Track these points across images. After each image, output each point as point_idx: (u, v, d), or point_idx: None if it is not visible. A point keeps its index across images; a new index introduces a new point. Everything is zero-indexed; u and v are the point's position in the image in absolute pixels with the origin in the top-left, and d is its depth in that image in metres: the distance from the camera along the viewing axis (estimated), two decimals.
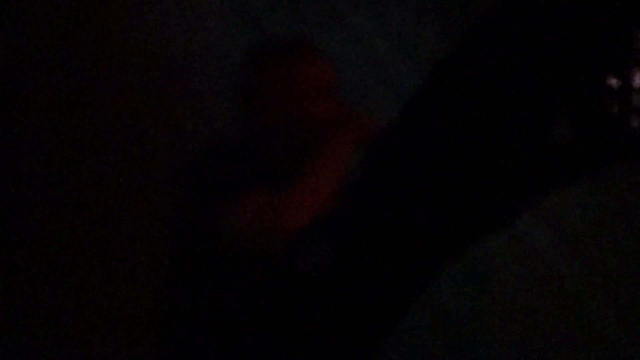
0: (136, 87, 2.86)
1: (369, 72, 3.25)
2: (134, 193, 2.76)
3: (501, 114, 0.61)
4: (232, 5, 3.00)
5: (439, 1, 3.40)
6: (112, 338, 2.73)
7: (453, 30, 3.42)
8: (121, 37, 2.81)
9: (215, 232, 2.12)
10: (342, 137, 2.22)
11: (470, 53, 0.63)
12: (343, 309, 0.65)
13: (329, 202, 2.13)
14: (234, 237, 2.12)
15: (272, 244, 2.09)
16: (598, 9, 0.61)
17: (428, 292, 0.67)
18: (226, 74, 2.93)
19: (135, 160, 2.76)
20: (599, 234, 3.39)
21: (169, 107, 2.88)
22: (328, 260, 0.68)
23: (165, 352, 2.24)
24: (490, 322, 3.18)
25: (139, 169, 2.76)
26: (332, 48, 3.12)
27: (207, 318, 2.21)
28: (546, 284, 3.42)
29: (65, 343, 2.68)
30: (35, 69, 2.70)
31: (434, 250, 0.65)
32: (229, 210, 2.11)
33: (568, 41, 0.60)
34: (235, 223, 2.11)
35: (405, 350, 2.92)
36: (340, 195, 0.67)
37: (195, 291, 2.20)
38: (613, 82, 0.62)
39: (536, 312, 3.36)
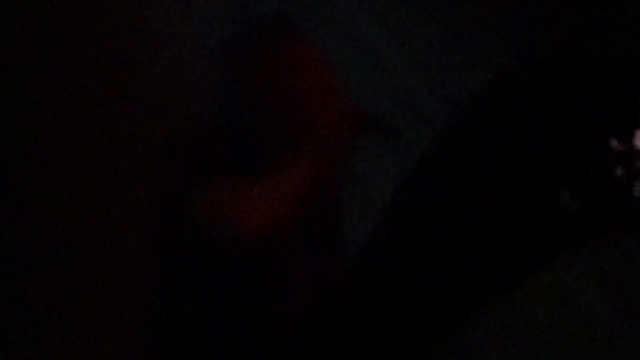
0: (123, 72, 2.85)
1: (363, 62, 3.24)
2: (121, 176, 2.72)
3: (507, 182, 0.59)
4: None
5: None
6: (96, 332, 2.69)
7: (444, 19, 3.41)
8: (108, 23, 2.81)
9: (190, 218, 2.10)
10: (332, 127, 2.22)
11: (475, 121, 0.62)
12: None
13: (311, 196, 2.11)
14: (201, 223, 2.09)
15: (237, 234, 2.06)
16: (601, 75, 0.60)
17: (458, 336, 0.66)
18: (215, 61, 2.93)
19: (123, 145, 2.73)
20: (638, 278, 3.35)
21: (157, 92, 2.87)
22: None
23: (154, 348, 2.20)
24: None
25: (127, 155, 2.73)
26: (327, 42, 3.11)
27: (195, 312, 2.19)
28: (584, 331, 3.39)
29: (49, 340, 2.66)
30: (24, 56, 2.69)
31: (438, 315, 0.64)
32: (200, 195, 2.10)
33: (571, 107, 0.59)
34: (203, 209, 2.08)
35: None
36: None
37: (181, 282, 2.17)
38: (617, 146, 0.60)
39: (570, 357, 3.31)
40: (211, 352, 2.08)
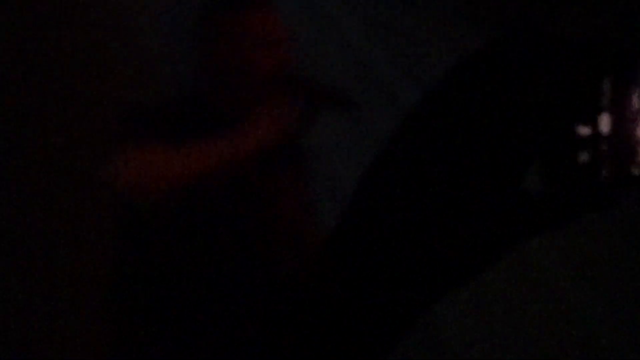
0: (83, 48, 2.83)
1: (326, 37, 3.25)
2: (79, 153, 2.71)
3: (470, 165, 0.59)
4: None
5: None
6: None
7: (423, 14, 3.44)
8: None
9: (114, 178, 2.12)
10: (276, 98, 2.24)
11: (442, 98, 0.62)
12: (332, 323, 0.64)
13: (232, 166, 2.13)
14: (118, 183, 2.11)
15: (152, 193, 2.08)
16: (566, 57, 0.60)
17: (425, 318, 0.66)
18: (174, 34, 2.93)
19: (78, 125, 2.71)
20: (609, 258, 3.38)
21: (116, 69, 2.84)
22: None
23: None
24: (491, 349, 3.16)
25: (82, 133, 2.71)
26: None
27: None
28: (553, 309, 3.41)
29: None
30: None
31: (422, 282, 0.64)
32: (124, 157, 2.13)
33: (536, 89, 0.59)
34: (123, 170, 2.10)
35: None
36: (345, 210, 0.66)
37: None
38: (583, 130, 0.60)
39: (541, 338, 3.33)
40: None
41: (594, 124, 0.61)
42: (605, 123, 0.61)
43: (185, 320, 2.10)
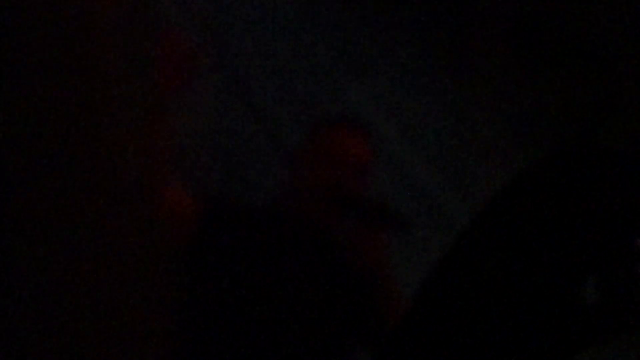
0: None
1: (389, 175, 3.27)
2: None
3: (530, 276, 0.60)
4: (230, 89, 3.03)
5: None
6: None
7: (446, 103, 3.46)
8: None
9: None
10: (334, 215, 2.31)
11: (495, 215, 0.63)
12: None
13: None
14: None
15: None
16: (623, 169, 0.61)
17: None
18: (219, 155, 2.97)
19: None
20: None
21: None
22: None
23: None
24: None
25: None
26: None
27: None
28: None
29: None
30: None
31: None
32: None
33: (594, 203, 0.59)
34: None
35: None
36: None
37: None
38: None
39: None
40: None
41: None
42: None
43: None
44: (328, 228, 2.28)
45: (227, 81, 3.06)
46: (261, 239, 2.19)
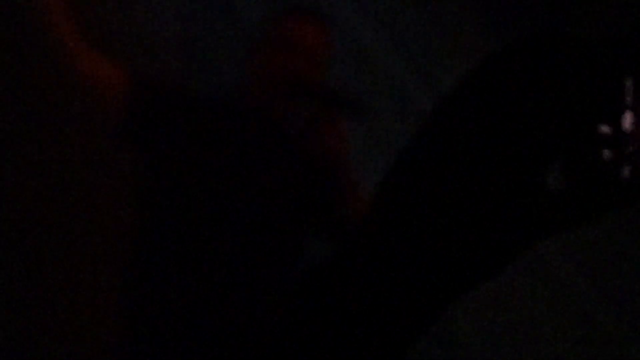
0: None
1: (355, 64, 3.26)
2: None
3: (495, 163, 0.60)
4: None
5: None
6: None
7: (434, 15, 3.45)
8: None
9: None
10: (292, 101, 2.32)
11: (461, 101, 0.62)
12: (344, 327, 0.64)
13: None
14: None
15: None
16: (588, 58, 0.61)
17: (441, 317, 0.67)
18: (196, 56, 2.95)
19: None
20: (626, 259, 3.38)
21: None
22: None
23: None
24: (504, 348, 3.15)
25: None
26: None
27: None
28: (566, 310, 3.41)
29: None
30: None
31: (437, 290, 0.64)
32: None
33: (559, 90, 0.59)
34: None
35: None
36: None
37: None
38: (605, 129, 0.61)
39: (555, 338, 3.33)
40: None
41: (616, 122, 0.61)
42: (628, 122, 0.61)
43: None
44: (286, 117, 2.27)
45: None
46: (207, 126, 2.17)
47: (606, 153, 0.61)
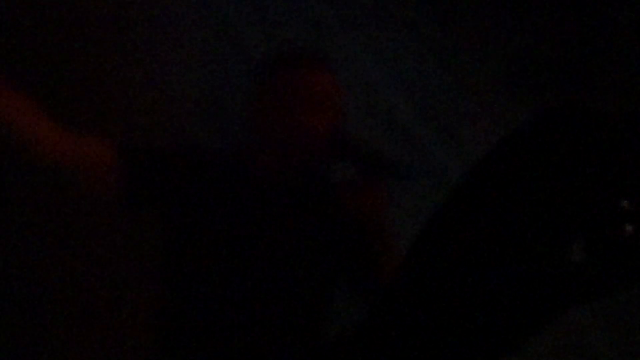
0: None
1: (356, 94, 3.24)
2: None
3: (517, 237, 0.61)
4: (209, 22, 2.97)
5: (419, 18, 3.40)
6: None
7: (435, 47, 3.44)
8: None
9: None
10: (327, 162, 2.20)
11: (487, 171, 0.64)
12: None
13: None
14: None
15: None
16: (610, 133, 0.62)
17: None
18: (204, 89, 2.92)
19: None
20: None
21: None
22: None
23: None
24: None
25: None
26: None
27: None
28: None
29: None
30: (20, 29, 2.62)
31: None
32: None
33: (585, 164, 0.61)
34: None
35: None
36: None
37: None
38: (626, 204, 0.62)
39: None
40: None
41: (638, 197, 0.62)
42: None
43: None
44: (325, 175, 2.20)
45: (218, 31, 3.01)
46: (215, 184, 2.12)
47: (628, 227, 0.62)
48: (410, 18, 3.46)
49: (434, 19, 3.45)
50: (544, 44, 3.45)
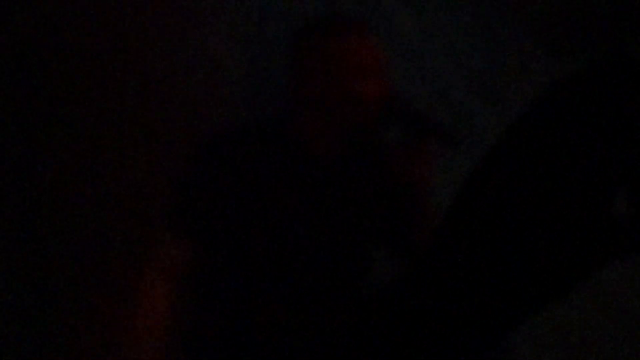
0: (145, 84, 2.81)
1: (399, 54, 3.23)
2: (140, 187, 2.71)
3: (560, 188, 0.60)
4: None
5: None
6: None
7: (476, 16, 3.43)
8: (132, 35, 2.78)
9: None
10: (378, 128, 2.19)
11: (527, 127, 0.62)
12: None
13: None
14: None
15: None
16: None
17: (501, 346, 0.66)
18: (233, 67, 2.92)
19: (142, 155, 2.69)
20: None
21: (181, 104, 2.82)
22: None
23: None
24: None
25: (146, 164, 2.70)
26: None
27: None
28: (631, 335, 3.37)
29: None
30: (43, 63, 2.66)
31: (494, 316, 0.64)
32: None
33: (628, 115, 0.59)
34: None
35: None
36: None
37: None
38: None
39: None
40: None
41: None
42: None
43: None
44: (374, 140, 2.18)
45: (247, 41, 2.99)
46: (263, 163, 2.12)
47: None
48: None
49: None
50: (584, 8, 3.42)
